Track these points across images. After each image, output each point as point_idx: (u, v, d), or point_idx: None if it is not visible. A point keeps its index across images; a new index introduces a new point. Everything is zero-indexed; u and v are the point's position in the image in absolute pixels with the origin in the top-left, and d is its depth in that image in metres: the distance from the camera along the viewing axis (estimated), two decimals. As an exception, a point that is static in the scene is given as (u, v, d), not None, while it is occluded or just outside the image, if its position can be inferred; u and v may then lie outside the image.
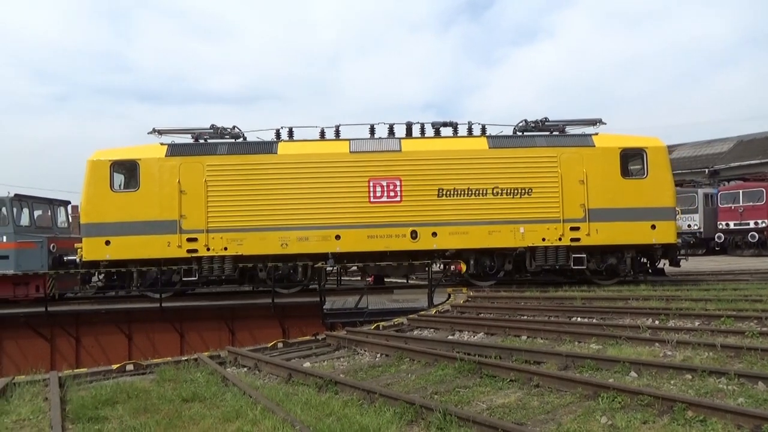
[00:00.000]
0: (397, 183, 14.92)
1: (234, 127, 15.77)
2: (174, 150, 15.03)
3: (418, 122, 15.79)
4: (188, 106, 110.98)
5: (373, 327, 10.90)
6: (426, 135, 15.81)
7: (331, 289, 15.66)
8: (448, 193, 14.97)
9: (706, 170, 38.10)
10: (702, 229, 29.36)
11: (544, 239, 14.99)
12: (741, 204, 27.91)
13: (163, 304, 14.14)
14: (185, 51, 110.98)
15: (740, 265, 22.11)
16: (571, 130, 16.08)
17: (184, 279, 14.71)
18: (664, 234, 15.03)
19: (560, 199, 15.00)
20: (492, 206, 14.98)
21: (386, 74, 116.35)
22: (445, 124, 15.84)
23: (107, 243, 14.39)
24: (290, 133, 15.60)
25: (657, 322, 9.84)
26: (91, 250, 14.42)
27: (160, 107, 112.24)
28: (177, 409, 6.35)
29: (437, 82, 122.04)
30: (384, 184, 14.91)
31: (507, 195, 15.03)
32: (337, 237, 14.72)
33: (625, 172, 15.23)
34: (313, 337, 10.67)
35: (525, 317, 11.19)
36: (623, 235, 14.99)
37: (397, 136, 15.72)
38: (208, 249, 14.58)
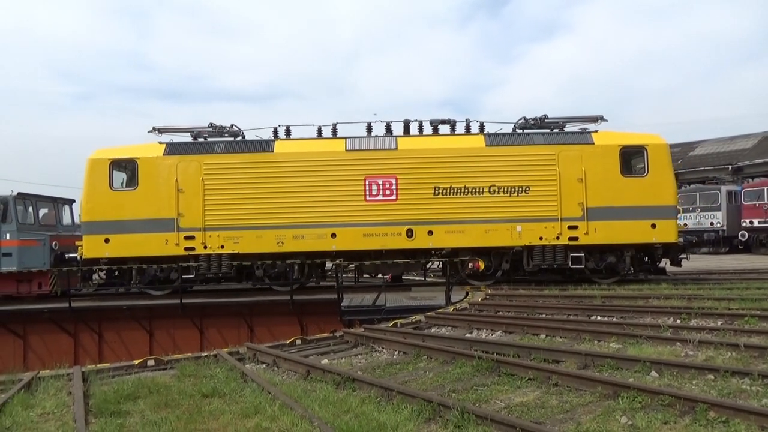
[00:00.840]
0: (393, 181, 14.87)
1: (232, 125, 15.87)
2: (172, 149, 15.17)
3: (416, 120, 15.75)
4: (208, 105, 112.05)
5: (390, 324, 10.92)
6: (424, 133, 15.74)
7: (349, 287, 15.71)
8: (445, 191, 14.88)
9: (730, 167, 37.46)
10: (725, 227, 28.88)
11: (541, 238, 14.83)
12: (765, 201, 27.37)
13: (183, 301, 14.32)
14: (205, 49, 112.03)
15: (765, 263, 21.70)
16: (572, 127, 15.88)
17: (184, 276, 14.86)
18: (664, 233, 14.77)
19: (558, 198, 14.83)
20: (488, 205, 14.86)
21: (404, 71, 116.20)
22: (443, 122, 15.72)
23: (106, 241, 14.59)
24: (287, 131, 15.65)
25: (678, 321, 9.71)
26: (90, 247, 14.64)
27: (181, 105, 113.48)
28: (197, 404, 6.43)
29: (455, 79, 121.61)
30: (380, 182, 14.87)
31: (504, 193, 14.89)
32: (333, 235, 14.73)
33: (625, 170, 15.00)
34: (331, 334, 10.72)
35: (543, 316, 11.11)
36: (622, 234, 14.78)
37: (395, 134, 15.66)
38: (205, 247, 14.72)
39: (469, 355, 7.70)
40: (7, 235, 15.24)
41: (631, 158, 15.17)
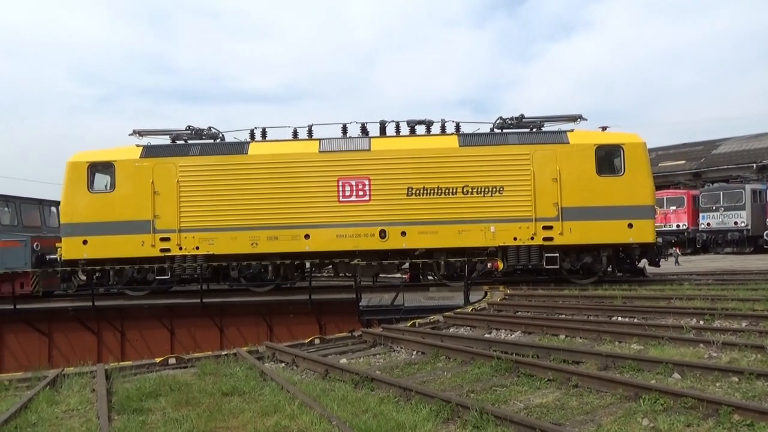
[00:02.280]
0: (366, 182, 14.86)
1: (210, 127, 16.05)
2: (148, 151, 15.35)
3: (392, 120, 15.75)
4: (227, 106, 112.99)
5: (408, 324, 10.92)
6: (401, 133, 15.71)
7: (367, 286, 15.75)
8: (418, 192, 14.82)
9: (754, 165, 36.74)
10: (749, 227, 28.36)
11: (515, 238, 14.71)
12: (792, 200, 26.83)
13: (204, 300, 14.48)
14: (225, 51, 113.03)
15: (791, 264, 21.24)
16: (551, 127, 15.73)
17: (157, 278, 15.03)
18: (641, 233, 14.58)
19: (532, 198, 14.70)
20: (462, 205, 14.77)
21: (422, 71, 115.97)
22: (420, 122, 15.69)
23: (84, 242, 14.82)
24: (263, 133, 15.75)
25: (702, 322, 9.54)
26: (69, 249, 14.87)
27: (200, 107, 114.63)
28: (217, 402, 6.50)
29: (473, 78, 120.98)
30: (353, 183, 14.87)
31: (477, 194, 14.78)
32: (307, 236, 14.78)
33: (601, 170, 14.81)
34: (350, 334, 10.75)
35: (563, 316, 11.02)
36: (598, 234, 14.61)
37: (372, 135, 15.64)
38: (181, 248, 14.86)
39: (488, 356, 7.67)
40: None
41: (608, 157, 14.98)
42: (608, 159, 14.96)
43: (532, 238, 14.67)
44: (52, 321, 15.02)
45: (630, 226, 14.52)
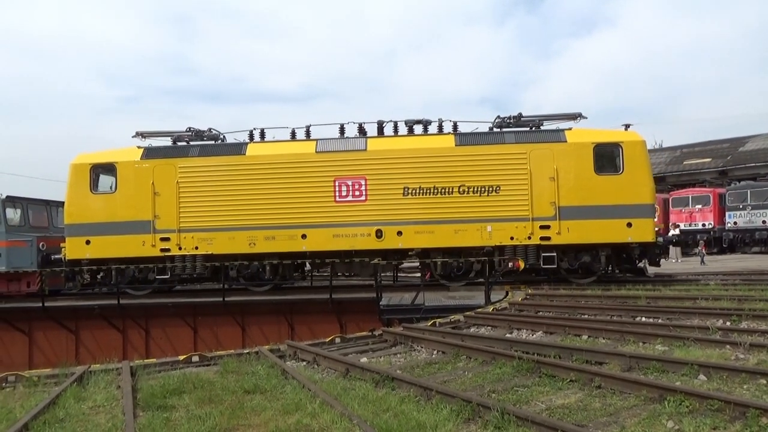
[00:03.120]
0: (363, 182, 14.87)
1: (210, 129, 16.25)
2: (149, 153, 15.57)
3: (390, 120, 15.74)
4: (248, 106, 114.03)
5: (429, 324, 10.91)
6: (399, 133, 15.68)
7: (388, 286, 15.76)
8: (414, 191, 14.79)
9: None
10: (778, 226, 27.73)
11: (512, 238, 14.58)
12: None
13: (226, 299, 14.63)
14: (246, 52, 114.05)
15: (822, 263, 20.71)
16: (550, 125, 15.55)
17: (157, 277, 15.22)
18: (641, 232, 14.36)
19: (529, 197, 14.58)
20: (458, 205, 14.68)
21: (442, 69, 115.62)
22: (417, 122, 15.65)
23: (87, 242, 15.09)
24: (262, 134, 15.87)
25: (728, 323, 9.37)
26: (73, 249, 15.16)
27: (222, 107, 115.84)
28: (239, 400, 6.57)
29: (493, 76, 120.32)
30: (349, 183, 14.89)
31: (474, 193, 14.69)
32: (304, 236, 14.84)
33: (600, 168, 14.62)
34: (370, 333, 10.78)
35: (586, 316, 10.90)
36: (596, 233, 14.42)
37: (369, 135, 15.65)
38: (180, 248, 15.04)
39: (509, 356, 7.62)
40: None
41: (606, 156, 14.78)
42: (607, 157, 14.78)
43: (529, 238, 14.56)
44: (79, 319, 15.33)
45: (629, 225, 14.35)
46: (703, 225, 30.25)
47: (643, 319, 10.26)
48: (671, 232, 26.11)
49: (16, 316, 15.35)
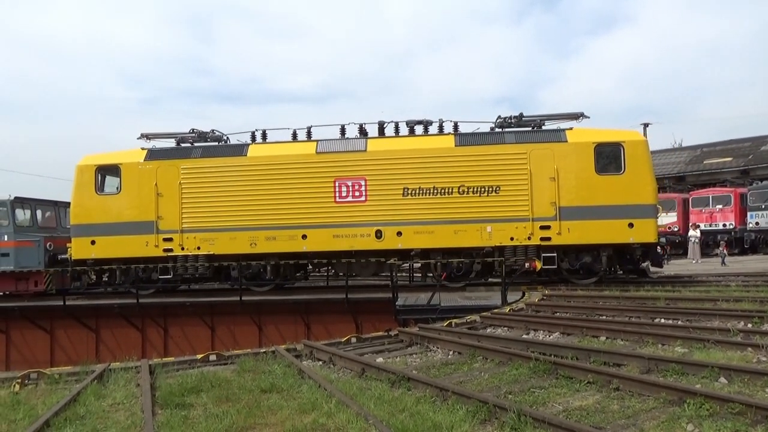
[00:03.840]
0: (362, 183, 14.93)
1: (213, 130, 16.45)
2: (152, 154, 15.78)
3: (391, 121, 15.77)
4: (265, 107, 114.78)
5: (445, 324, 10.88)
6: (400, 134, 15.68)
7: (404, 286, 15.75)
8: (414, 192, 14.81)
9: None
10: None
11: (512, 238, 14.53)
12: None
13: (243, 298, 14.74)
14: (263, 53, 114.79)
15: None
16: (551, 125, 15.44)
17: (161, 277, 15.42)
18: (642, 233, 14.20)
19: (529, 197, 14.51)
20: (458, 205, 14.67)
21: (459, 69, 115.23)
22: (418, 123, 15.66)
23: (93, 243, 15.37)
24: (264, 135, 15.99)
25: (750, 325, 9.20)
26: (78, 249, 15.45)
27: (239, 108, 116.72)
28: (256, 399, 6.62)
29: (510, 75, 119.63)
30: (349, 184, 14.96)
31: (473, 193, 14.67)
32: (304, 237, 14.95)
33: (601, 168, 14.50)
34: (386, 333, 10.77)
35: (604, 317, 10.80)
36: (597, 233, 14.30)
37: (371, 136, 15.71)
38: (183, 248, 15.25)
39: (526, 357, 7.58)
40: (5, 237, 16.32)
41: (607, 156, 14.64)
42: (608, 157, 14.66)
43: (529, 238, 14.51)
44: (100, 317, 15.57)
45: (630, 225, 14.23)
46: (724, 225, 29.76)
47: (662, 320, 10.12)
48: (691, 233, 25.73)
49: (39, 314, 15.64)
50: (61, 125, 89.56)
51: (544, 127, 15.48)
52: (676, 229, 29.02)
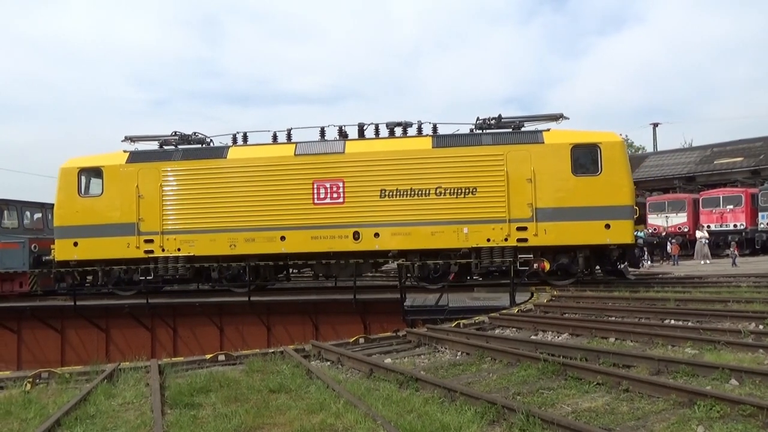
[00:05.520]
0: (340, 185, 15.00)
1: (195, 133, 16.66)
2: (134, 157, 15.94)
3: (371, 123, 15.81)
4: (274, 108, 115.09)
5: (453, 325, 10.86)
6: (381, 136, 15.73)
7: (412, 287, 15.74)
8: (391, 193, 14.86)
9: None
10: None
11: (489, 240, 14.54)
12: None
13: (251, 299, 14.78)
14: (272, 54, 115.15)
15: None
16: (531, 126, 15.43)
17: (141, 278, 15.51)
18: (619, 234, 14.18)
19: (506, 199, 14.51)
20: (435, 206, 14.70)
21: (467, 69, 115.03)
22: (398, 125, 15.68)
23: (75, 244, 15.52)
24: (245, 137, 16.12)
25: (761, 326, 9.12)
26: (61, 250, 15.62)
27: (248, 109, 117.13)
28: (264, 399, 6.64)
29: (519, 75, 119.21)
30: (327, 185, 15.04)
31: (450, 195, 14.69)
32: (282, 238, 15.05)
33: (577, 170, 14.46)
34: (394, 334, 10.77)
35: (613, 318, 10.75)
36: (574, 235, 14.28)
37: (350, 138, 15.80)
38: (163, 250, 15.39)
39: (535, 358, 7.56)
40: None
41: (584, 157, 14.61)
42: (584, 158, 14.65)
43: (506, 240, 14.52)
44: (110, 317, 15.68)
45: (607, 226, 14.20)
46: (735, 226, 29.52)
47: (672, 321, 10.06)
48: (698, 234, 25.52)
49: (50, 314, 15.78)
50: (72, 127, 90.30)
51: (523, 129, 15.50)
52: (686, 230, 28.81)
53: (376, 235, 14.87)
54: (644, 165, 40.97)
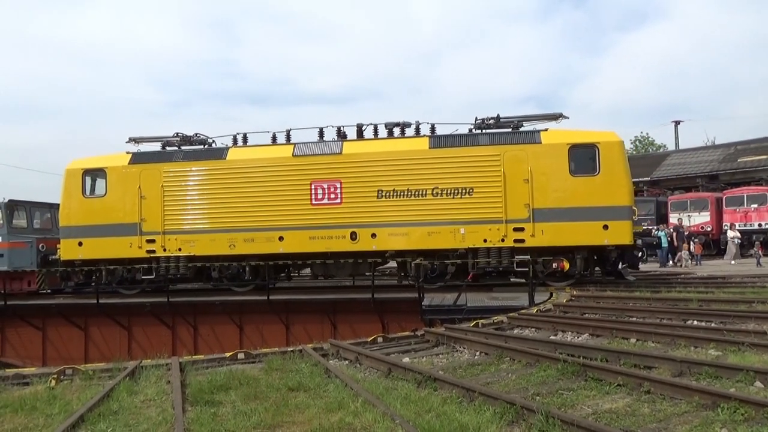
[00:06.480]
0: (338, 185, 15.05)
1: (196, 134, 16.86)
2: (136, 158, 16.16)
3: (370, 124, 15.81)
4: (293, 108, 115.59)
5: (472, 324, 10.83)
6: (379, 136, 15.71)
7: (443, 286, 15.71)
8: (388, 194, 14.85)
9: None
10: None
11: (485, 240, 14.43)
12: None
13: (270, 297, 14.89)
14: (291, 54, 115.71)
15: None
16: (530, 126, 15.30)
17: (143, 277, 15.75)
18: (617, 234, 13.98)
19: (503, 199, 14.40)
20: (431, 207, 14.65)
21: (486, 68, 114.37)
22: (396, 125, 15.64)
23: (80, 244, 15.82)
24: (245, 138, 16.22)
25: (787, 328, 8.95)
26: (66, 250, 15.92)
27: (268, 109, 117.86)
28: (283, 397, 6.68)
29: (538, 73, 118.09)
30: (325, 186, 15.10)
31: (447, 195, 14.64)
32: (281, 238, 15.15)
33: (575, 170, 14.29)
34: (412, 333, 10.76)
35: (634, 319, 10.62)
36: (572, 235, 14.12)
37: (349, 138, 15.85)
38: (165, 249, 15.58)
39: (554, 358, 7.50)
40: (0, 238, 16.82)
41: (582, 157, 14.42)
42: (582, 158, 14.48)
43: (503, 240, 14.43)
44: (132, 315, 15.91)
45: (605, 227, 14.03)
46: (760, 225, 28.95)
47: (695, 322, 9.92)
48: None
49: (74, 312, 16.06)
50: (93, 128, 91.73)
51: (521, 129, 15.38)
52: (709, 229, 28.33)
53: (373, 235, 14.93)
54: (665, 163, 40.36)
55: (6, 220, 17.14)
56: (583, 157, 14.50)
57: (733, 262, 23.68)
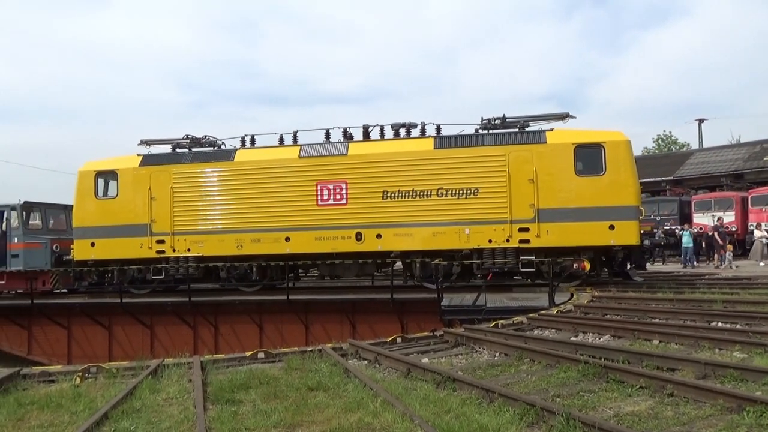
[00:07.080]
0: (343, 186, 15.10)
1: (206, 136, 17.00)
2: (146, 160, 16.38)
3: (376, 125, 15.80)
4: (311, 108, 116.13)
5: (491, 325, 10.77)
6: (385, 137, 15.71)
7: (449, 286, 15.68)
8: (393, 195, 14.85)
9: None
10: None
11: (491, 241, 14.33)
12: None
13: (290, 297, 14.99)
14: (309, 55, 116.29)
15: None
16: (536, 126, 15.13)
17: (153, 277, 15.94)
18: (624, 235, 13.75)
19: (508, 199, 14.29)
20: (436, 207, 14.62)
21: (504, 67, 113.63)
22: (402, 126, 15.61)
23: (92, 245, 16.08)
24: (252, 140, 16.37)
25: (816, 330, 8.75)
26: (79, 250, 16.21)
27: (286, 109, 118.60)
28: (303, 396, 6.73)
29: (558, 72, 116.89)
30: (331, 187, 15.16)
31: (452, 196, 14.58)
32: (287, 239, 15.23)
33: (581, 170, 14.10)
34: (431, 333, 10.74)
35: (656, 320, 10.46)
36: (577, 236, 13.94)
37: (355, 139, 15.88)
38: (174, 250, 15.76)
39: (575, 360, 7.43)
40: (15, 239, 17.24)
41: (587, 157, 14.22)
42: (588, 158, 14.30)
43: (508, 240, 14.33)
44: (154, 314, 16.15)
45: (611, 227, 13.83)
46: (787, 225, 28.32)
47: (720, 324, 9.75)
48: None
49: (98, 311, 16.35)
50: (113, 128, 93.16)
51: (528, 129, 15.27)
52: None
53: (379, 236, 14.95)
54: (689, 162, 39.69)
55: (22, 221, 17.53)
56: (589, 157, 14.37)
57: (762, 263, 23.16)
